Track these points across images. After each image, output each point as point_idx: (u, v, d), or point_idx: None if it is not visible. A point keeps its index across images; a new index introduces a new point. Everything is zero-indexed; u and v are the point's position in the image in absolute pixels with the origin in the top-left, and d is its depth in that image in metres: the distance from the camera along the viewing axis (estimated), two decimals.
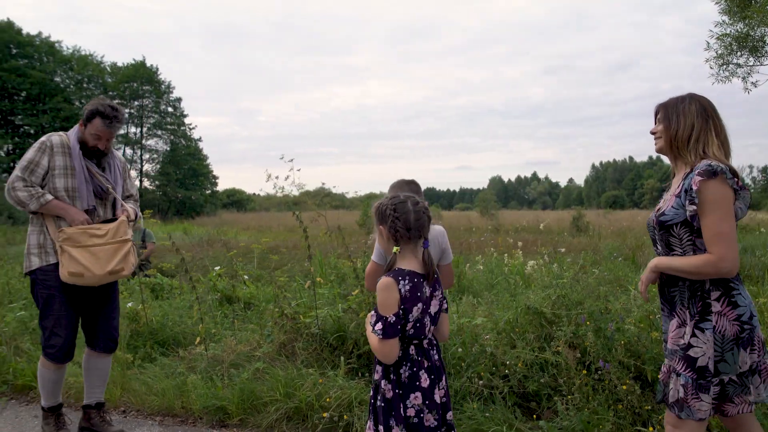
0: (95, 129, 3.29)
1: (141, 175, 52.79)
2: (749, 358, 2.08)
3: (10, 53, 43.68)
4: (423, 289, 2.12)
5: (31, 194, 3.12)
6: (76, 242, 3.14)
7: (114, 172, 3.47)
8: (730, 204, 2.05)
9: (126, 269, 3.28)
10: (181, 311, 5.38)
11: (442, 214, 38.78)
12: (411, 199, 2.19)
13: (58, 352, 3.24)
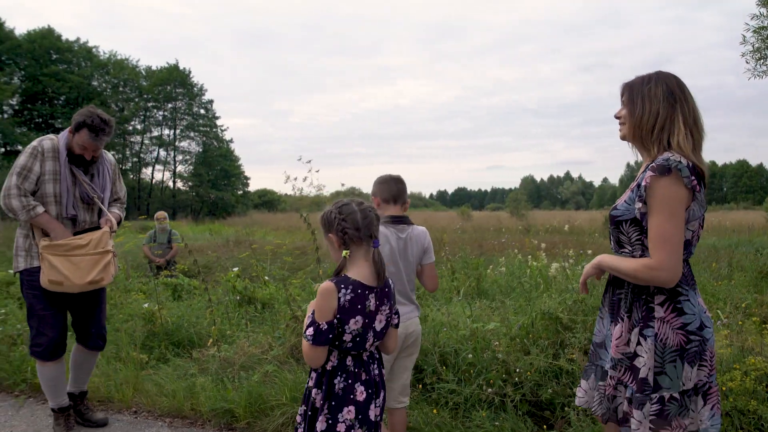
0: (81, 140, 3.29)
1: (174, 176, 53.85)
2: (695, 374, 1.86)
3: (50, 59, 45.09)
4: (367, 302, 2.02)
5: (23, 205, 3.14)
6: (56, 251, 3.17)
7: (103, 176, 3.50)
8: (679, 205, 1.82)
9: (105, 279, 3.33)
10: (198, 312, 5.40)
11: (472, 214, 38.48)
12: (355, 201, 2.13)
13: (44, 350, 3.31)
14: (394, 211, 2.83)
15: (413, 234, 2.81)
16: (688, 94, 1.96)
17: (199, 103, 53.80)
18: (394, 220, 2.79)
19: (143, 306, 4.90)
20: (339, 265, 2.07)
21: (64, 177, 3.26)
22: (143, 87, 51.40)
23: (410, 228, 2.81)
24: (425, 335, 3.95)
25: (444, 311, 4.83)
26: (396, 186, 2.88)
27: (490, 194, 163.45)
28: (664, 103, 1.92)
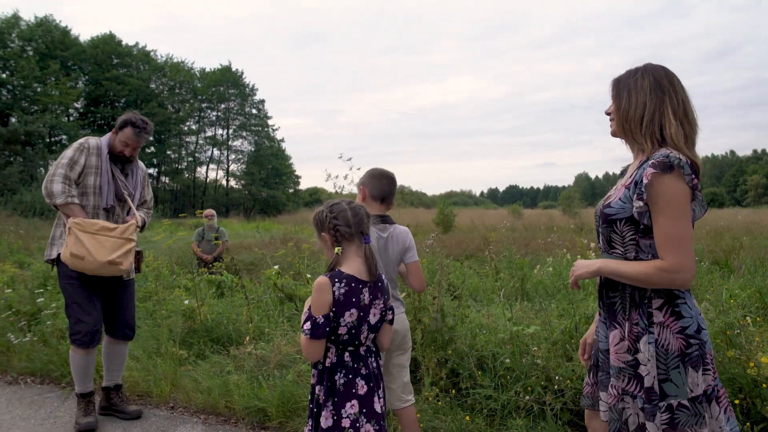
0: (125, 137, 3.63)
1: (227, 174, 55.20)
2: (702, 380, 1.76)
3: (112, 63, 47.01)
4: (361, 296, 2.09)
5: (63, 190, 3.39)
6: (85, 228, 3.36)
7: (135, 179, 3.80)
8: (685, 204, 1.73)
9: (124, 264, 3.44)
10: (238, 309, 5.43)
11: (523, 212, 37.70)
12: (345, 200, 2.23)
13: (84, 337, 3.47)
14: (379, 209, 2.81)
15: (395, 233, 2.78)
16: (677, 85, 1.87)
17: (251, 103, 54.99)
18: (377, 219, 2.75)
19: (184, 303, 4.96)
20: (332, 261, 2.15)
21: (105, 171, 3.58)
22: (197, 88, 52.95)
23: (392, 227, 2.79)
24: (463, 337, 3.83)
25: (484, 313, 4.68)
26: (389, 186, 2.84)
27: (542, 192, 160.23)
28: (651, 95, 1.85)
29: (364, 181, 2.86)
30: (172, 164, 53.21)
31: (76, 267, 3.35)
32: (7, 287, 5.63)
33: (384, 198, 2.83)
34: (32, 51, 42.49)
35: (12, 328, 4.98)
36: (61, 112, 42.49)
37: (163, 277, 5.91)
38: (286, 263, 10.47)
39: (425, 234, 17.92)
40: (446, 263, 7.19)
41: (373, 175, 2.85)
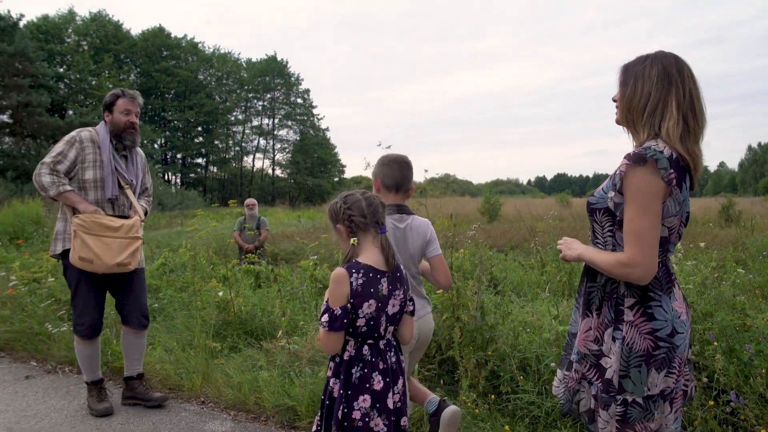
0: (123, 106, 3.58)
1: (273, 164, 55.91)
2: (662, 381, 1.79)
3: (161, 56, 48.12)
4: (379, 286, 2.05)
5: (53, 181, 3.35)
6: (90, 230, 3.34)
7: (136, 166, 3.73)
8: (653, 198, 1.70)
9: (132, 264, 3.47)
10: (274, 301, 5.33)
11: (572, 201, 36.64)
12: (359, 191, 2.19)
13: (87, 329, 3.53)
14: (394, 199, 2.63)
15: (413, 225, 2.60)
16: (687, 76, 1.81)
17: (296, 92, 55.39)
18: (393, 209, 2.58)
19: (218, 294, 4.88)
20: (348, 253, 2.11)
21: (107, 163, 3.50)
22: (244, 79, 53.70)
23: (410, 218, 2.61)
24: (504, 336, 3.58)
25: (528, 309, 4.41)
26: (401, 172, 2.63)
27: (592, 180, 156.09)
28: (657, 85, 1.80)
29: (376, 170, 2.67)
30: (219, 154, 54.25)
31: (86, 269, 3.36)
32: (51, 276, 5.69)
33: (398, 186, 2.64)
34: (87, 45, 43.93)
35: (52, 317, 5.02)
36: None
37: (200, 268, 5.86)
38: (327, 252, 10.39)
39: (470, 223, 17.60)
40: (489, 255, 6.91)
41: (384, 163, 2.65)
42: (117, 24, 47.14)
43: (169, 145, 49.86)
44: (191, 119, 49.07)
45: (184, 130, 50.76)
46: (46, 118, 34.96)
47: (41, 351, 4.78)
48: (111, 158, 3.50)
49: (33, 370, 4.57)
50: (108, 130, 3.57)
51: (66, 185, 3.36)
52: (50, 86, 37.99)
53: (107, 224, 3.36)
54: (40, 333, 4.88)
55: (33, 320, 5.05)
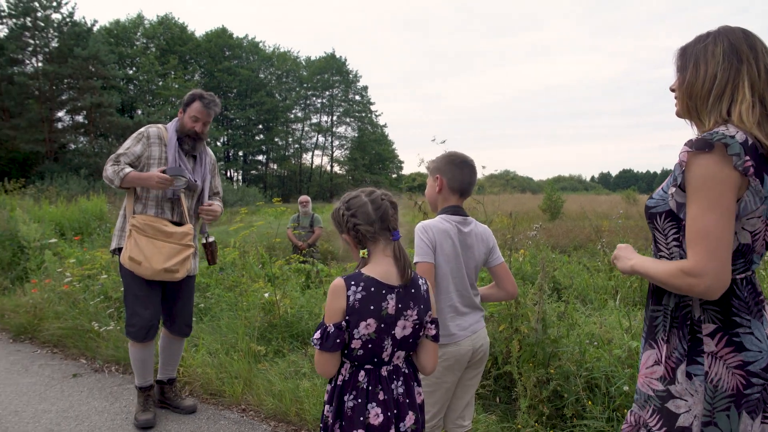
0: (195, 111, 3.43)
1: (331, 160, 56.45)
2: (757, 429, 1.41)
3: (224, 56, 49.40)
4: (383, 303, 1.74)
5: (115, 171, 3.23)
6: (143, 231, 3.23)
7: (203, 168, 3.57)
8: (723, 191, 1.36)
9: (180, 272, 3.32)
10: (321, 303, 5.12)
11: (638, 198, 34.97)
12: (364, 191, 1.86)
13: (139, 331, 3.35)
14: (455, 202, 2.37)
15: (477, 230, 2.38)
16: (762, 52, 1.48)
17: (354, 89, 55.66)
18: (455, 211, 2.34)
19: (264, 295, 4.71)
20: (358, 265, 1.83)
21: (172, 161, 3.35)
22: (303, 77, 54.42)
23: (472, 222, 2.38)
24: (569, 352, 3.21)
25: (596, 320, 4.00)
26: (470, 177, 2.38)
27: (660, 176, 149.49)
28: (724, 64, 1.47)
29: (442, 168, 2.38)
30: (279, 151, 55.24)
31: (134, 270, 3.24)
32: (104, 272, 5.71)
33: (465, 191, 2.39)
34: (154, 47, 45.64)
35: (102, 315, 5.01)
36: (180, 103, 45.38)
37: (248, 267, 5.74)
38: None
39: (530, 221, 16.95)
40: (552, 257, 6.47)
41: (454, 163, 2.37)
42: (182, 26, 48.73)
43: (231, 142, 51.18)
44: (252, 117, 50.20)
45: (246, 128, 51.97)
46: (117, 117, 36.57)
47: (91, 348, 4.77)
48: (176, 157, 3.35)
49: (82, 368, 4.56)
50: (176, 129, 3.44)
51: (125, 169, 3.22)
52: (120, 87, 39.71)
53: (161, 228, 3.25)
54: (91, 330, 4.88)
55: (84, 317, 5.05)
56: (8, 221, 7.60)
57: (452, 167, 2.36)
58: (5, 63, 33.47)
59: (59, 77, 35.06)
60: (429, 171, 2.47)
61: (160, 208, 3.35)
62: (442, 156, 2.43)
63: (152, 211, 3.32)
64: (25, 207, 9.30)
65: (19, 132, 32.53)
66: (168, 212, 3.37)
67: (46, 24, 34.90)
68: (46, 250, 6.36)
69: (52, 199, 13.60)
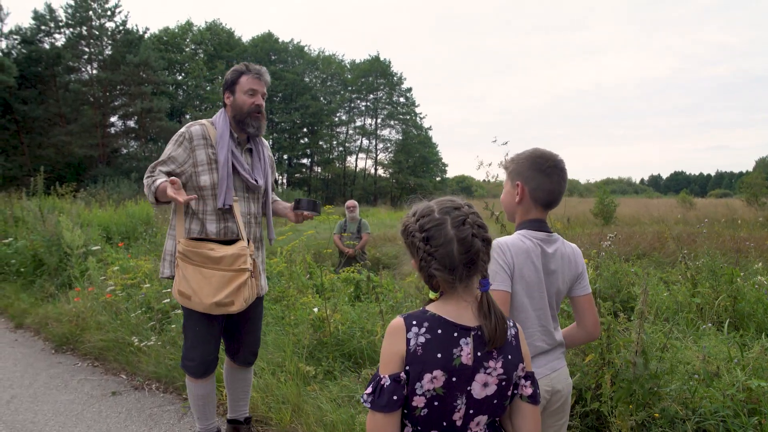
0: (247, 84, 2.85)
1: (375, 163, 56.29)
2: None
3: (270, 60, 49.96)
4: (454, 350, 1.34)
5: (147, 185, 2.67)
6: (189, 259, 2.68)
7: (264, 162, 3.02)
8: None
9: (236, 304, 2.69)
10: (374, 318, 4.73)
11: (695, 201, 33.25)
12: (452, 213, 1.37)
13: (198, 366, 2.86)
14: (539, 215, 1.91)
15: (564, 250, 1.90)
16: None
17: (399, 92, 55.34)
18: (539, 226, 1.88)
19: (313, 310, 4.35)
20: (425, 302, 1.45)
21: (223, 162, 2.77)
22: (348, 80, 54.45)
23: (558, 240, 1.91)
24: (675, 390, 2.71)
25: (688, 344, 3.47)
26: (560, 185, 1.92)
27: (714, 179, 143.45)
28: None
29: (524, 173, 1.93)
30: (323, 154, 55.42)
31: (185, 305, 2.73)
32: (147, 281, 5.49)
33: (552, 203, 1.93)
34: (202, 53, 46.52)
35: (143, 327, 4.76)
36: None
37: (296, 277, 5.41)
38: None
39: (582, 227, 16.13)
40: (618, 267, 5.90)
41: (539, 168, 1.91)
42: (229, 32, 49.52)
43: (276, 146, 51.65)
44: (297, 120, 50.54)
45: (291, 132, 52.33)
46: (166, 122, 37.36)
47: (131, 363, 4.52)
48: (229, 156, 2.79)
49: (121, 384, 4.30)
50: (227, 119, 2.87)
51: (157, 179, 2.63)
52: (169, 93, 40.57)
53: (206, 253, 2.66)
54: (132, 344, 4.63)
55: (125, 329, 4.82)
56: (56, 225, 7.53)
57: (537, 174, 1.90)
58: (63, 71, 34.64)
59: (112, 84, 36.06)
60: (507, 173, 2.01)
61: (221, 223, 2.82)
62: (524, 156, 1.96)
63: (197, 226, 2.80)
64: (73, 211, 9.28)
65: (74, 137, 33.56)
66: (222, 223, 2.82)
67: (101, 32, 35.98)
68: (89, 257, 6.20)
69: (102, 202, 13.74)
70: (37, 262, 7.38)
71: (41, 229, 7.75)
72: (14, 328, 5.96)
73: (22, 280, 7.28)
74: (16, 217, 9.82)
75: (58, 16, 35.68)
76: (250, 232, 2.94)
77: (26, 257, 7.50)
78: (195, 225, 2.80)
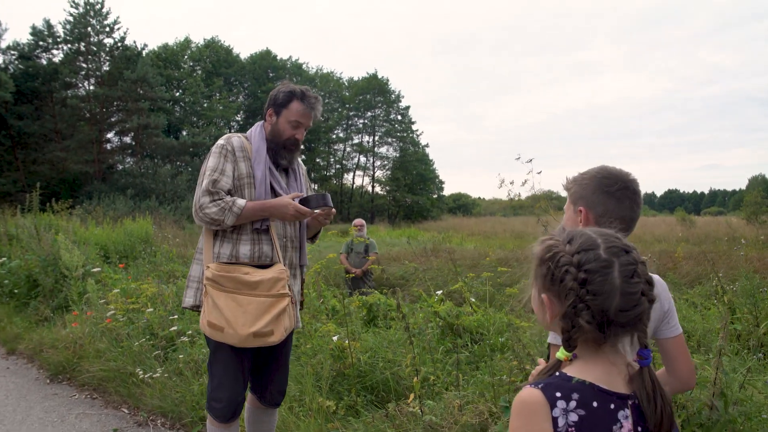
0: (296, 114, 2.60)
1: (373, 181, 56.13)
2: None
3: (268, 77, 49.95)
4: (614, 427, 1.03)
5: (221, 208, 2.42)
6: (221, 286, 2.38)
7: (300, 182, 2.77)
8: None
9: (276, 334, 2.40)
10: (395, 346, 4.40)
11: (695, 219, 33.07)
12: (621, 257, 1.07)
13: (224, 407, 2.52)
14: None
15: None
16: None
17: (396, 109, 55.36)
18: None
19: (332, 339, 4.03)
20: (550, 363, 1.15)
21: (261, 180, 2.55)
22: (346, 97, 54.46)
23: None
24: None
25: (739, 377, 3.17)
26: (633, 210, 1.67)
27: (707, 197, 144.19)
28: None
29: (588, 196, 1.66)
30: (320, 171, 55.19)
31: (216, 339, 2.40)
32: (150, 305, 5.15)
33: (629, 225, 1.66)
34: (200, 70, 46.46)
35: (146, 356, 4.42)
36: (224, 124, 45.87)
37: (308, 303, 5.09)
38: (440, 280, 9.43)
39: None
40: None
41: (607, 190, 1.64)
42: (228, 49, 49.48)
43: None
44: None
45: None
46: (163, 138, 37.03)
47: (134, 395, 4.17)
48: (266, 173, 2.56)
49: (123, 420, 3.95)
50: (264, 135, 2.64)
51: (238, 201, 2.43)
52: (167, 109, 40.32)
53: (242, 278, 2.39)
54: (134, 374, 4.29)
55: (127, 358, 4.48)
56: (52, 244, 7.19)
57: (604, 197, 1.63)
58: (60, 87, 34.38)
59: (109, 99, 35.80)
60: (568, 194, 1.74)
61: (258, 245, 2.54)
62: (589, 176, 1.69)
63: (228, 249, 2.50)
64: (70, 229, 8.93)
65: (70, 153, 33.20)
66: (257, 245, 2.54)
67: (99, 48, 35.79)
68: (89, 278, 5.87)
69: (99, 220, 13.39)
70: (31, 282, 7.02)
71: (36, 248, 7.41)
72: (6, 354, 5.60)
73: (15, 302, 6.92)
74: (10, 235, 9.46)
75: (57, 31, 35.53)
76: (286, 257, 2.64)
77: (20, 278, 7.15)
78: (225, 248, 2.51)
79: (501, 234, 28.29)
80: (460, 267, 11.23)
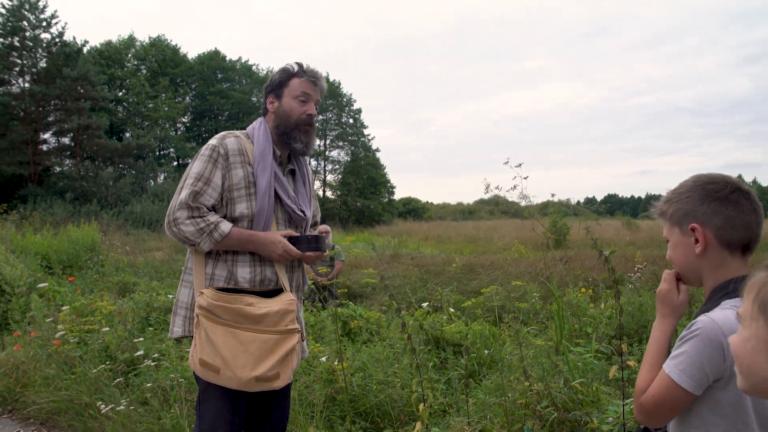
0: (300, 88, 2.25)
1: (324, 185, 55.57)
2: None
3: (216, 78, 48.66)
4: None
5: (200, 229, 2.05)
6: (217, 317, 1.99)
7: (308, 187, 2.40)
8: None
9: (282, 378, 2.04)
10: (385, 365, 4.05)
11: (638, 223, 34.21)
12: None
13: None
14: (740, 264, 1.36)
15: None
16: None
17: (348, 113, 55.02)
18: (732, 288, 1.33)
19: (321, 360, 3.64)
20: None
21: (265, 188, 2.15)
22: None
23: None
24: None
25: None
26: (758, 213, 1.37)
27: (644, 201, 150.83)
28: None
29: (697, 210, 1.39)
30: None
31: (210, 380, 2.02)
32: (106, 324, 4.60)
33: (751, 243, 1.37)
34: (145, 69, 44.71)
35: (105, 385, 3.89)
36: (170, 126, 44.33)
37: None
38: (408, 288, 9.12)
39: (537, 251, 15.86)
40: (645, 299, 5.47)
41: (717, 196, 1.37)
42: (175, 48, 47.81)
43: None
44: None
45: None
46: (105, 140, 35.35)
47: (91, 430, 3.65)
48: (272, 180, 2.17)
49: None
50: (269, 132, 2.25)
51: (221, 224, 2.07)
52: (109, 109, 38.56)
53: (244, 310, 2.01)
54: (91, 405, 3.76)
55: (82, 387, 3.94)
56: None
57: (718, 205, 1.36)
58: None
59: (46, 98, 33.83)
60: (666, 218, 1.45)
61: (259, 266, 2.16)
62: (687, 188, 1.42)
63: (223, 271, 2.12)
64: (6, 237, 8.14)
65: (1, 154, 31.17)
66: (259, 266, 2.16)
67: (35, 44, 33.79)
68: (32, 293, 5.24)
69: (37, 226, 12.42)
70: None
71: None
72: None
73: None
74: None
75: None
76: (293, 279, 2.25)
77: None
78: (220, 269, 2.12)
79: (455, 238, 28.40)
80: (427, 274, 10.99)
